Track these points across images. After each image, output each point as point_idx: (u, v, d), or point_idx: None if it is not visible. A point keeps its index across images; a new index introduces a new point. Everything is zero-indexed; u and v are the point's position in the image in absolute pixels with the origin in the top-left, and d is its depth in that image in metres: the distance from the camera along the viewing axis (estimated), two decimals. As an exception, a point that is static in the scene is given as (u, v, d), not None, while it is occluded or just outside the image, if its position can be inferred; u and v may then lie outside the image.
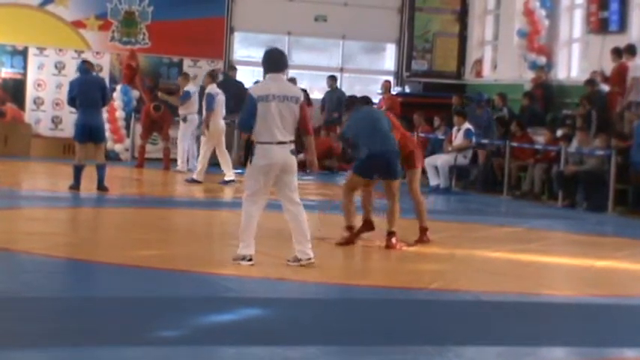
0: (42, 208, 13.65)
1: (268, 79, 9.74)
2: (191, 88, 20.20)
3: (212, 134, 18.03)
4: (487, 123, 20.39)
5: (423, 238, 11.69)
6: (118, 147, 22.55)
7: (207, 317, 7.43)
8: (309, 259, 9.54)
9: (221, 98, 18.26)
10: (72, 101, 15.57)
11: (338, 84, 24.24)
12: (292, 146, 9.57)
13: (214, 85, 18.48)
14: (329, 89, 23.39)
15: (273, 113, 9.46)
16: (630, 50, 18.24)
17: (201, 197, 16.83)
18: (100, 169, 15.37)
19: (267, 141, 9.47)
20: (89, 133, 15.36)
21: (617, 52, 18.30)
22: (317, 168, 10.14)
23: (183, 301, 7.92)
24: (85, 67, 15.95)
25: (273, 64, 9.74)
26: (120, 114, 22.40)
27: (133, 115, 22.42)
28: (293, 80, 21.09)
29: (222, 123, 18.30)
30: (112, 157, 22.45)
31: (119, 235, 11.69)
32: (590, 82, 18.94)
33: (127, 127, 22.56)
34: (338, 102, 22.77)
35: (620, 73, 18.21)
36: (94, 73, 16.42)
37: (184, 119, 20.01)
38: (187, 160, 20.21)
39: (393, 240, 11.19)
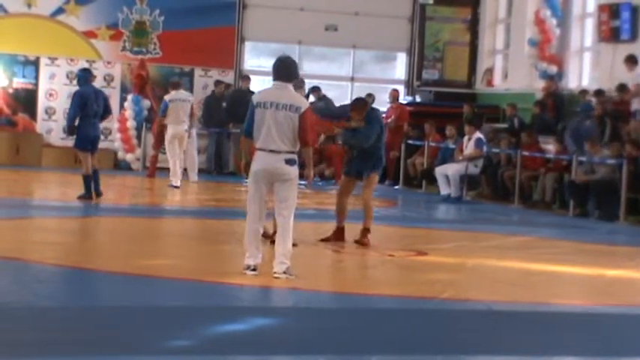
0: (53, 217, 13.67)
1: (272, 86, 9.70)
2: (169, 96, 19.93)
3: (169, 139, 18.86)
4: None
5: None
6: (129, 157, 22.60)
7: (217, 327, 7.42)
8: (285, 269, 9.37)
9: (179, 104, 18.87)
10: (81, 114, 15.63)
11: (348, 93, 24.25)
12: (289, 156, 9.39)
13: (174, 92, 19.12)
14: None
15: (268, 121, 9.38)
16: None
17: (211, 206, 16.85)
18: (95, 175, 15.54)
19: (261, 147, 9.43)
20: (92, 142, 15.53)
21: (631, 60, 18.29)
22: (311, 181, 9.96)
23: (194, 310, 7.93)
24: (88, 77, 15.98)
25: (278, 72, 9.62)
26: (131, 124, 22.46)
27: (144, 124, 22.46)
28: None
29: (177, 128, 18.83)
30: (124, 166, 22.52)
31: (130, 245, 11.70)
32: (599, 91, 18.90)
33: (138, 137, 22.61)
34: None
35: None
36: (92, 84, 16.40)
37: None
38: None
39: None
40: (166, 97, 19.19)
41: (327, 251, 11.50)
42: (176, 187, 18.61)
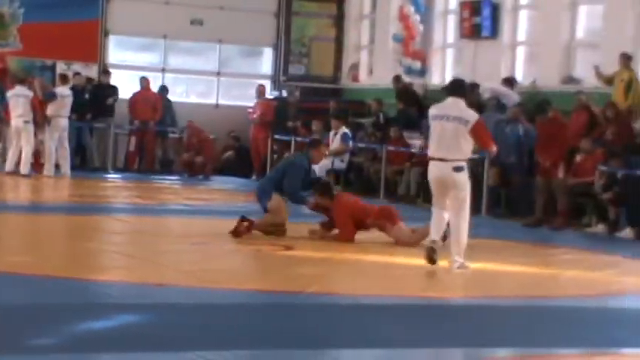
0: None
1: (446, 100, 10.61)
2: (61, 90, 20.07)
3: (11, 132, 19.96)
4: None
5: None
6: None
7: (85, 324, 7.31)
8: (459, 266, 10.35)
9: (15, 99, 19.52)
10: None
11: (215, 87, 24.21)
12: (455, 164, 10.24)
13: (18, 88, 19.76)
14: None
15: (434, 131, 10.43)
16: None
17: (75, 202, 16.58)
18: None
19: (430, 156, 10.53)
20: None
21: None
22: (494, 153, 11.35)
23: (60, 308, 7.79)
24: None
25: (447, 88, 10.92)
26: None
27: (2, 118, 21.90)
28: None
29: (16, 121, 19.49)
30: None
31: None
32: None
33: (-1, 132, 22.08)
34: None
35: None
36: None
37: (49, 122, 19.82)
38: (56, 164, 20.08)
39: None
40: (7, 93, 19.93)
41: (194, 246, 11.44)
42: (7, 172, 19.35)
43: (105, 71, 22.88)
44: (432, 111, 10.69)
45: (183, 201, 17.27)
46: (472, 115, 10.45)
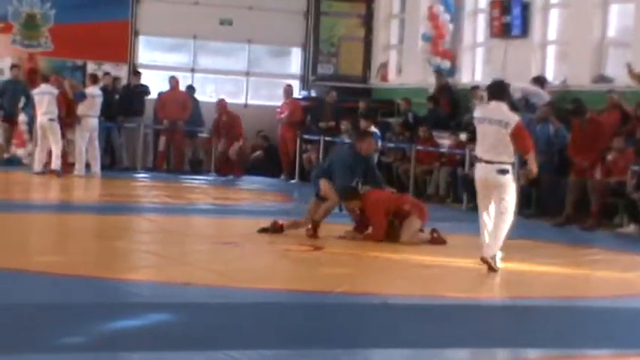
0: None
1: (489, 104, 10.79)
2: (91, 90, 20.21)
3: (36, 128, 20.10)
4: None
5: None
6: (20, 152, 22.23)
7: (114, 323, 7.32)
8: (490, 258, 10.37)
9: (39, 97, 19.66)
10: None
11: (244, 87, 24.24)
12: (500, 166, 10.41)
13: (43, 86, 19.82)
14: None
15: (479, 134, 10.60)
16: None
17: (105, 201, 16.64)
18: None
19: (477, 157, 10.67)
20: None
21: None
22: (533, 175, 10.95)
23: (89, 307, 7.80)
24: None
25: (488, 91, 11.00)
26: (22, 118, 22.04)
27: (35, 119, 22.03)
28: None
29: (41, 119, 19.57)
30: (14, 161, 22.09)
31: (21, 241, 11.47)
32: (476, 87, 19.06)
33: (30, 132, 22.18)
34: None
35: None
36: None
37: (79, 121, 19.96)
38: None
39: None
40: (33, 91, 20.04)
41: (223, 246, 11.44)
42: (37, 173, 19.43)
43: (135, 72, 22.95)
44: (477, 113, 10.86)
45: (212, 201, 17.30)
46: (513, 118, 10.53)
